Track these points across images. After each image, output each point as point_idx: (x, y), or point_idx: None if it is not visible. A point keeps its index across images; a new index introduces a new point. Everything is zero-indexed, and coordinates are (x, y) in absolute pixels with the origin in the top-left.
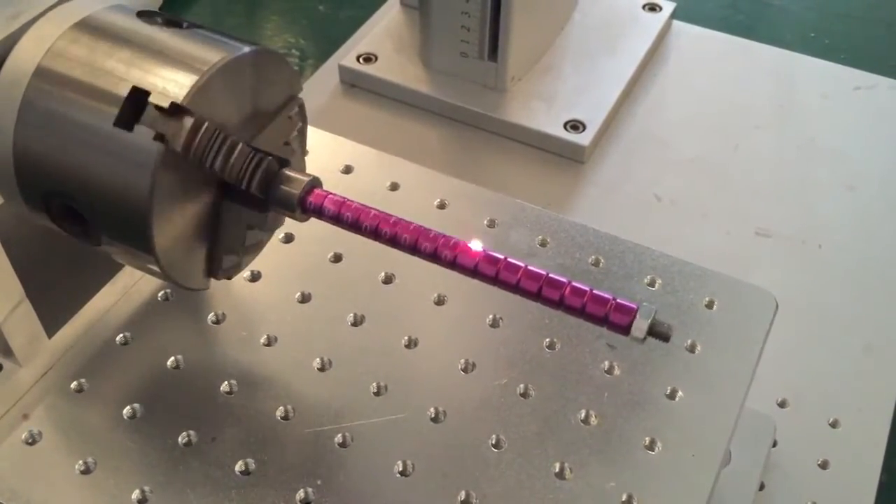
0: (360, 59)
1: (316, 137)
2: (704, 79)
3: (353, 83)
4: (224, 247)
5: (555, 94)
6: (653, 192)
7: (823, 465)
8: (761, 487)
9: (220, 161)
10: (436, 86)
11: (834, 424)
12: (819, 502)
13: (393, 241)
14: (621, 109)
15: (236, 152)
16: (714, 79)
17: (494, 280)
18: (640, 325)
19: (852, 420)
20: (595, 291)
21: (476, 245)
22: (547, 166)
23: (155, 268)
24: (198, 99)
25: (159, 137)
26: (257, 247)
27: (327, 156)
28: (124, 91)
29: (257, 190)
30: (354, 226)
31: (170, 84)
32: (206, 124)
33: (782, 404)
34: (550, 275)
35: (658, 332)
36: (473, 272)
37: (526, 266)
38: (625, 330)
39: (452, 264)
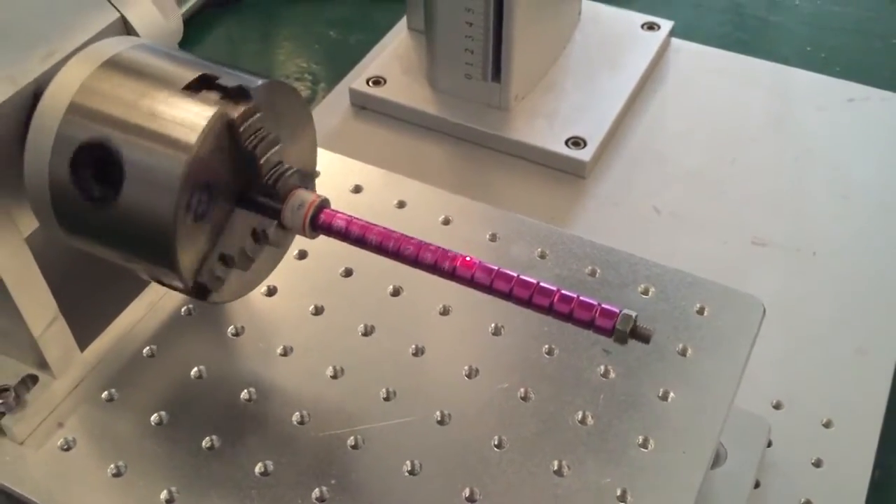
0: (370, 82)
1: (327, 159)
2: (702, 94)
3: (363, 105)
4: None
5: (556, 111)
6: (652, 205)
7: (817, 464)
8: (757, 485)
9: (262, 147)
10: (442, 106)
11: (827, 425)
12: (813, 499)
13: (396, 255)
14: (621, 125)
15: (276, 148)
16: (711, 94)
17: (489, 289)
18: (622, 327)
19: (845, 420)
20: (582, 298)
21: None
22: (549, 181)
23: (178, 283)
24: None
25: (221, 113)
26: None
27: (338, 176)
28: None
29: (278, 188)
30: (361, 242)
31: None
32: (260, 113)
33: (777, 406)
34: (541, 283)
35: (639, 334)
36: (470, 282)
37: (518, 276)
38: (608, 332)
39: (451, 275)
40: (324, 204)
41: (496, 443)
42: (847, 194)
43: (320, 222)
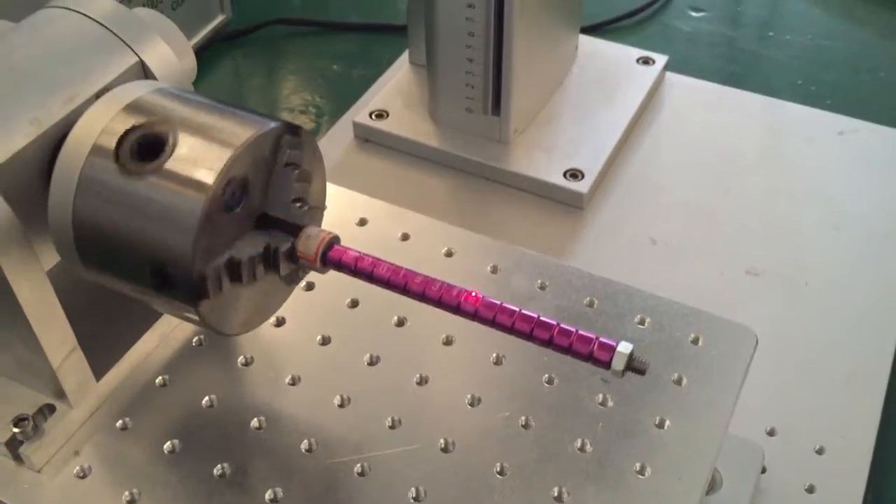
0: (373, 116)
1: (333, 193)
2: (696, 127)
3: (366, 138)
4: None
5: (555, 144)
6: (648, 236)
7: (810, 490)
8: None
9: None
10: (443, 139)
11: (820, 451)
12: None
13: (403, 291)
14: (618, 158)
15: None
16: (705, 126)
17: (492, 323)
18: (618, 361)
19: (837, 447)
20: (580, 332)
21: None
22: (548, 213)
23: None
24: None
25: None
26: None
27: (345, 209)
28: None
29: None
30: (369, 277)
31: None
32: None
33: (771, 433)
34: (541, 317)
35: (635, 367)
36: (474, 316)
37: (520, 310)
38: (606, 365)
39: (456, 309)
40: (334, 241)
41: (498, 469)
42: (838, 225)
43: (331, 257)
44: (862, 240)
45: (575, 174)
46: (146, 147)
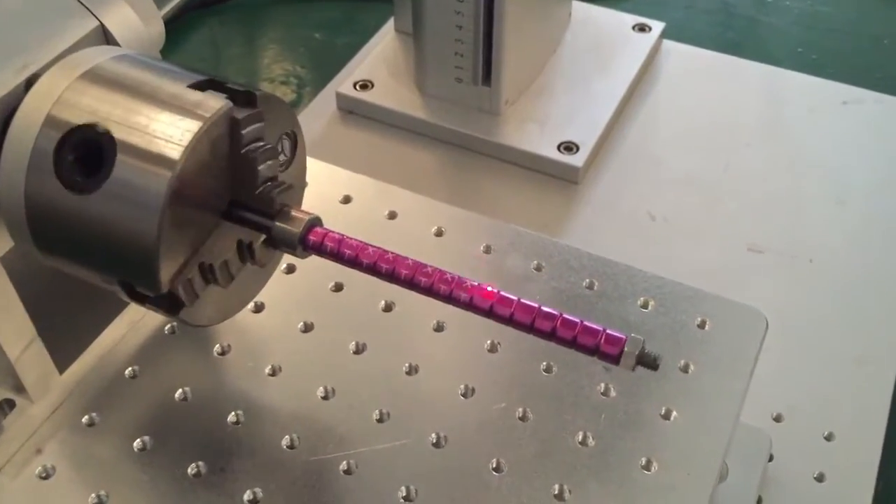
0: (357, 86)
1: (315, 168)
2: (695, 97)
3: (350, 110)
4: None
5: (548, 116)
6: (646, 211)
7: (819, 478)
8: (759, 502)
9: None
10: (431, 111)
11: (829, 437)
12: None
13: (391, 277)
14: (613, 129)
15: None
16: (704, 97)
17: (489, 313)
18: (628, 355)
19: (847, 432)
20: (586, 323)
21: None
22: (541, 188)
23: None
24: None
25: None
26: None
27: (327, 186)
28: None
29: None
30: (353, 262)
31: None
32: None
33: (777, 419)
34: (543, 307)
35: (646, 362)
36: (469, 305)
37: (518, 300)
38: (615, 360)
39: (448, 298)
40: (315, 222)
41: (494, 466)
42: (843, 199)
43: (311, 241)
44: (868, 214)
45: (569, 147)
46: (86, 156)
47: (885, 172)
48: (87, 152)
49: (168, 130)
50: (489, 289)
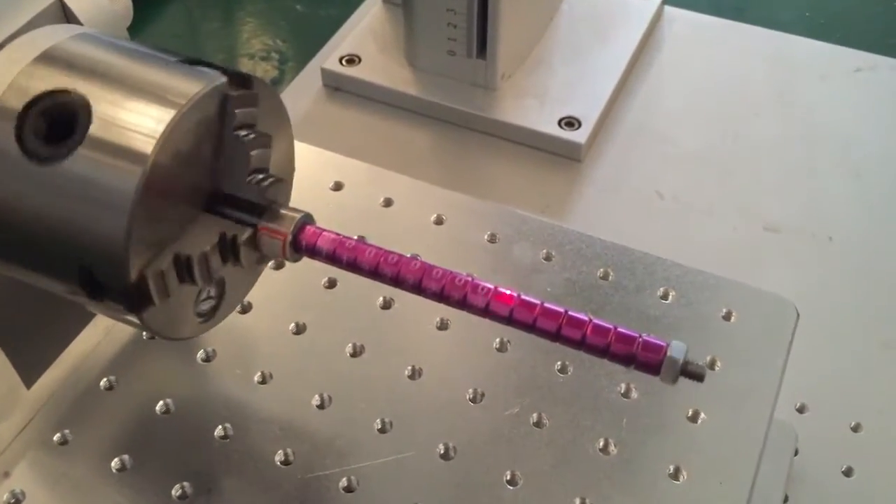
0: (343, 61)
1: (303, 152)
2: (700, 66)
3: (336, 86)
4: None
5: (547, 90)
6: (654, 190)
7: (847, 472)
8: (785, 500)
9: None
10: (423, 86)
11: (856, 428)
12: None
13: (395, 282)
14: (616, 103)
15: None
16: (710, 66)
17: (508, 320)
18: (670, 364)
19: (875, 422)
20: (620, 329)
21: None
22: (542, 166)
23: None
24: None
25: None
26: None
27: (316, 172)
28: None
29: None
30: (352, 266)
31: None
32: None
33: (801, 409)
34: (570, 312)
35: (690, 372)
36: (485, 311)
37: (542, 303)
38: (654, 370)
39: (462, 304)
40: (306, 220)
41: (508, 478)
42: (860, 172)
43: (303, 240)
44: (887, 188)
45: (571, 122)
46: (56, 123)
47: None
48: (53, 119)
49: (153, 103)
50: (507, 292)
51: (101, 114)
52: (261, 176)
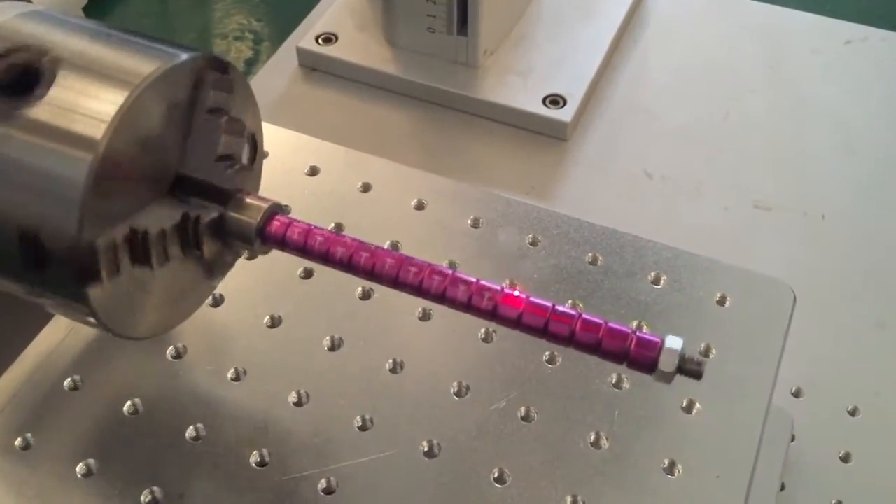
0: (319, 40)
1: (277, 136)
2: (688, 40)
3: (313, 66)
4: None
5: (531, 67)
6: (642, 169)
7: (845, 458)
8: (781, 488)
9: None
10: (402, 65)
11: (853, 412)
12: (844, 500)
13: (371, 275)
14: (603, 80)
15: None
16: (698, 40)
17: (492, 315)
18: (666, 362)
19: (872, 406)
20: (611, 325)
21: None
22: (527, 146)
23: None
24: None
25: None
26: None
27: (290, 156)
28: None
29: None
30: (324, 258)
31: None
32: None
33: (797, 394)
34: (557, 307)
35: (688, 370)
36: (467, 307)
37: (528, 297)
38: (649, 368)
39: (441, 298)
40: (276, 209)
41: (496, 476)
42: (852, 147)
43: (272, 232)
44: (880, 163)
45: (556, 100)
46: (15, 82)
47: (895, 116)
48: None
49: (119, 68)
50: (492, 286)
51: (61, 77)
52: (229, 162)
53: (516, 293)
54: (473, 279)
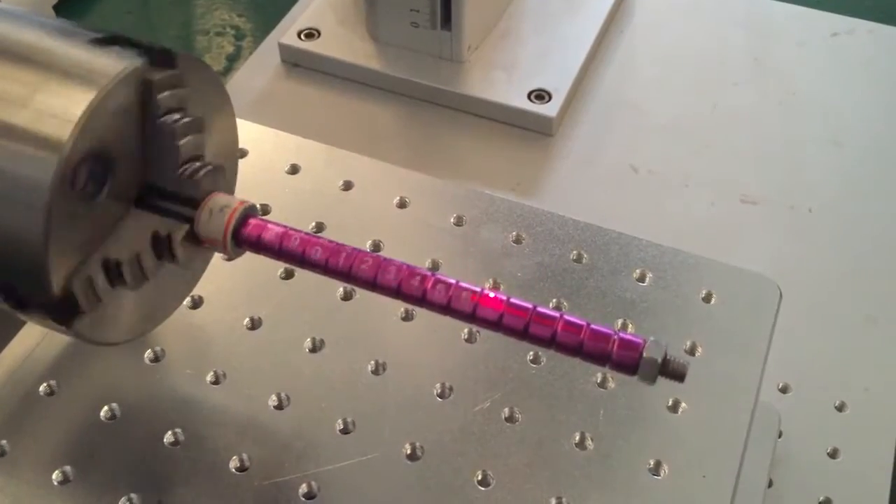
0: (302, 36)
1: (257, 133)
2: (674, 33)
3: (295, 62)
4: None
5: (515, 61)
6: (629, 164)
7: (833, 454)
8: (769, 485)
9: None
10: (386, 60)
11: (840, 408)
12: (832, 497)
13: (348, 278)
14: (588, 74)
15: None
16: (684, 32)
17: (472, 317)
18: (649, 364)
19: (859, 401)
20: (593, 326)
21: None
22: (512, 141)
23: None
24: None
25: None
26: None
27: (271, 154)
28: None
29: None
30: (300, 261)
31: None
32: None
33: (784, 389)
34: (538, 308)
35: (671, 372)
36: (446, 309)
37: (508, 298)
38: (631, 370)
39: (421, 301)
40: (250, 211)
41: (480, 479)
42: (839, 140)
43: (245, 234)
44: (868, 155)
45: (541, 95)
46: None
47: (882, 108)
48: None
49: (54, 103)
50: (471, 288)
51: None
52: (196, 164)
53: (492, 294)
54: (453, 280)
